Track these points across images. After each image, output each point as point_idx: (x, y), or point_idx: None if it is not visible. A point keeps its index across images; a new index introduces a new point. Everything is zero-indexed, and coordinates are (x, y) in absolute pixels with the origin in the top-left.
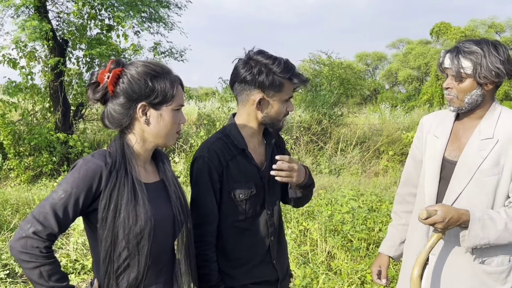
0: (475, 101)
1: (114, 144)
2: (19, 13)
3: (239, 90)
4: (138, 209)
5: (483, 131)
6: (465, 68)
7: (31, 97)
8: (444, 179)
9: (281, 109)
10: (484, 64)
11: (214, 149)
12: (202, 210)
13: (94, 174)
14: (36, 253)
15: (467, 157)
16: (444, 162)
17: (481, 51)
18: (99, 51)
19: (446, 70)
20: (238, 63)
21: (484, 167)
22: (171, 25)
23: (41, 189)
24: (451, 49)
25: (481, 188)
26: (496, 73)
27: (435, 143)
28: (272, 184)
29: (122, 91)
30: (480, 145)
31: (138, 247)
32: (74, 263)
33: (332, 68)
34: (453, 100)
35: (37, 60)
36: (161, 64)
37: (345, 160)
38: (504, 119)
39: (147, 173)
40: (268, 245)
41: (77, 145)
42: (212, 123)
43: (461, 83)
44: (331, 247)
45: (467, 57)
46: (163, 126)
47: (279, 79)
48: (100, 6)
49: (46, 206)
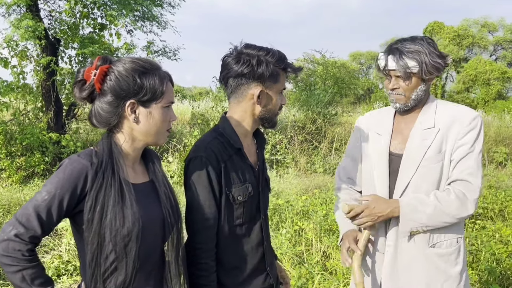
0: (420, 97)
1: (101, 143)
2: (11, 11)
3: (235, 86)
4: (125, 210)
5: (424, 122)
6: (412, 68)
7: (23, 97)
8: (394, 173)
9: (278, 101)
10: (428, 61)
11: (211, 149)
12: (200, 215)
13: (79, 175)
14: (18, 256)
15: (412, 149)
16: (391, 157)
17: (422, 49)
18: (92, 50)
19: (390, 72)
20: (228, 59)
21: (428, 155)
22: (164, 24)
23: (33, 190)
24: (391, 51)
25: (426, 177)
26: (437, 68)
27: (378, 140)
28: (264, 186)
29: (109, 88)
30: (422, 135)
31: (126, 250)
32: (67, 265)
33: (326, 67)
34: (400, 98)
35: (29, 59)
36: (149, 60)
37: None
38: (442, 109)
39: (135, 173)
40: (262, 251)
41: (69, 145)
42: (206, 123)
43: (409, 82)
44: (326, 247)
45: (411, 57)
46: (152, 124)
47: (276, 69)
48: (93, 5)
49: (29, 208)
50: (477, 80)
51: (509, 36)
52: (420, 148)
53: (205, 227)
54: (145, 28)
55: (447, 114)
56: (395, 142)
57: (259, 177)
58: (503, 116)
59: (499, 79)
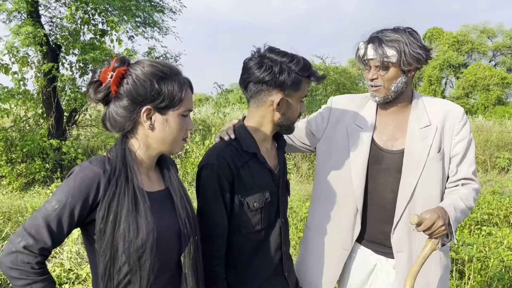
0: (400, 89)
1: (114, 149)
2: (11, 18)
3: (255, 91)
4: (139, 220)
5: (418, 120)
6: (390, 57)
7: (23, 103)
8: (385, 170)
9: (297, 109)
10: (407, 51)
11: (223, 156)
12: (210, 223)
13: (91, 183)
14: (27, 269)
15: (413, 147)
16: (381, 152)
17: (402, 39)
18: (93, 56)
19: (369, 61)
20: (251, 62)
21: (432, 154)
22: (165, 30)
23: (33, 197)
24: (371, 39)
25: (432, 176)
26: (417, 59)
27: (359, 133)
28: (284, 189)
29: (125, 92)
30: (421, 134)
31: (140, 262)
32: (68, 273)
33: (327, 72)
34: (379, 90)
35: (30, 65)
36: (169, 65)
37: None
38: (431, 105)
39: (150, 181)
40: (280, 256)
41: (70, 151)
42: (207, 129)
43: (387, 72)
44: None
45: (390, 46)
46: (168, 132)
47: (299, 77)
48: (94, 11)
49: (39, 218)
50: (477, 86)
51: (508, 42)
52: (422, 148)
53: (214, 235)
54: (146, 34)
55: (439, 110)
56: (384, 137)
57: (278, 181)
58: (504, 121)
59: (498, 84)
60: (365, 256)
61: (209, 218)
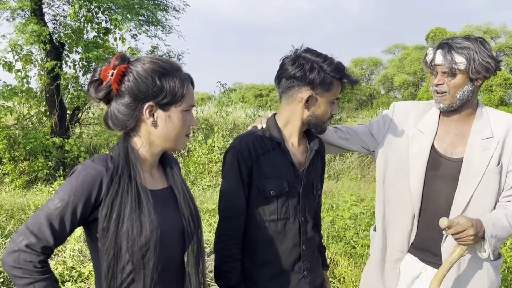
0: (466, 97)
1: (117, 147)
2: (15, 15)
3: (286, 87)
4: (142, 218)
5: (481, 131)
6: (459, 64)
7: (26, 101)
8: (441, 177)
9: (327, 109)
10: (477, 59)
11: (245, 142)
12: (229, 203)
13: (93, 181)
14: (29, 268)
15: (472, 157)
16: (440, 158)
17: (472, 46)
18: (96, 54)
19: (436, 67)
20: (286, 60)
21: (491, 166)
22: (169, 29)
23: (36, 194)
24: (441, 45)
25: (488, 188)
26: (486, 68)
27: (420, 138)
28: (308, 189)
29: (127, 90)
30: (482, 145)
31: (144, 260)
32: (71, 271)
33: None
34: (444, 96)
35: (33, 63)
36: (170, 61)
37: (344, 165)
38: (495, 117)
39: (153, 179)
40: (298, 254)
41: (73, 149)
42: (210, 128)
43: (454, 79)
44: (334, 253)
45: (460, 52)
46: (171, 129)
47: (330, 78)
48: (97, 9)
49: (41, 216)
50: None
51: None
52: (482, 159)
53: (232, 216)
54: (150, 33)
55: (504, 123)
56: (444, 144)
57: (302, 179)
58: None
59: (501, 85)
60: (412, 263)
61: (228, 199)
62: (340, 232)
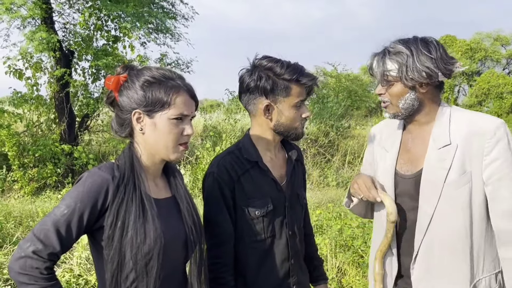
0: (411, 106)
1: (123, 156)
2: (26, 24)
3: (246, 101)
4: (146, 226)
5: (437, 139)
6: (390, 71)
7: (36, 108)
8: (400, 196)
9: (293, 115)
10: (411, 65)
11: (223, 164)
12: (215, 230)
13: (100, 188)
14: (35, 274)
15: (429, 172)
16: (397, 177)
17: (407, 51)
18: (105, 62)
19: (375, 74)
20: (244, 73)
21: (450, 178)
22: (177, 36)
23: (45, 201)
24: (379, 51)
25: (454, 203)
26: (426, 73)
27: (384, 157)
28: (293, 201)
29: (121, 98)
30: (439, 155)
31: (147, 268)
32: (78, 278)
33: (339, 79)
34: (388, 106)
35: (43, 71)
36: (165, 72)
37: (352, 172)
38: (457, 121)
39: (157, 188)
40: (288, 268)
41: (82, 156)
42: (218, 135)
43: (391, 87)
44: (342, 263)
45: (392, 59)
46: (158, 136)
47: (284, 82)
48: (107, 17)
49: (48, 223)
50: (490, 94)
51: None
52: (438, 171)
53: (221, 242)
54: (159, 41)
55: (464, 126)
56: (401, 161)
57: (285, 192)
58: None
59: None
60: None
61: (215, 225)
62: (348, 241)
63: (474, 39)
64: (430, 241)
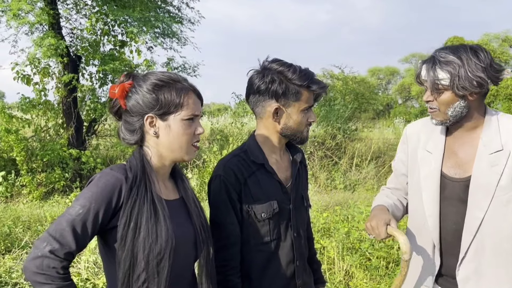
0: (459, 114)
1: (133, 158)
2: (34, 30)
3: (254, 102)
4: (158, 227)
5: (488, 144)
6: (442, 80)
7: (44, 113)
8: (447, 200)
9: (301, 119)
10: (463, 75)
11: (230, 167)
12: (223, 232)
13: (113, 188)
14: (52, 274)
15: (480, 176)
16: (445, 180)
17: (458, 61)
18: (112, 67)
19: (424, 82)
20: (253, 74)
21: (502, 183)
22: (184, 41)
23: (53, 206)
24: (428, 59)
25: (504, 208)
26: (478, 82)
27: (429, 159)
28: (298, 202)
29: (130, 104)
30: (490, 160)
31: (158, 268)
32: (85, 282)
33: (346, 82)
34: (436, 113)
35: (51, 76)
36: (169, 73)
37: (360, 175)
38: (506, 127)
39: (167, 190)
40: (293, 270)
41: (89, 161)
42: (225, 139)
43: (440, 95)
44: (349, 265)
45: (443, 68)
46: (172, 138)
47: (295, 87)
48: (113, 22)
49: (63, 223)
50: (499, 95)
51: None
52: (491, 176)
53: (228, 245)
54: (165, 45)
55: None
56: (448, 165)
57: (290, 194)
58: None
59: None
60: None
61: (221, 228)
62: (355, 244)
63: (482, 40)
64: (480, 243)
